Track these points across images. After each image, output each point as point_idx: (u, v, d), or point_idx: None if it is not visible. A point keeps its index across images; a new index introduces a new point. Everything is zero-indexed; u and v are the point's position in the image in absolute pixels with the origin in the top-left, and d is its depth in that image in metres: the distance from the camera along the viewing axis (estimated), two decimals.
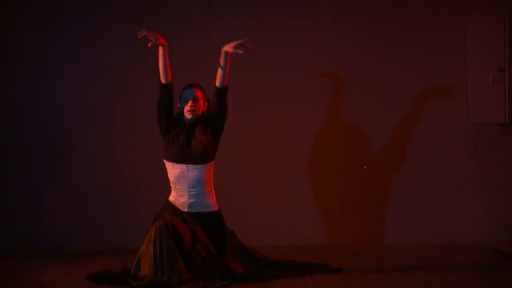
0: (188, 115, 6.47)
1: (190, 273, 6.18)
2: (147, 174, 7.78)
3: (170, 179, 6.48)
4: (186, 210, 6.43)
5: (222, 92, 6.41)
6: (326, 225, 7.87)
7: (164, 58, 6.39)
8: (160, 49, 6.39)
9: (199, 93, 6.50)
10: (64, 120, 7.87)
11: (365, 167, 7.83)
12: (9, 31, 7.85)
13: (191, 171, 6.41)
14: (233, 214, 6.70)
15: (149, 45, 6.31)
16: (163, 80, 6.42)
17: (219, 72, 6.39)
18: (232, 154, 7.59)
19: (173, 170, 6.44)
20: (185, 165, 6.41)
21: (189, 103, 6.46)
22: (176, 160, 6.41)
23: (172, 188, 6.50)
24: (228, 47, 6.37)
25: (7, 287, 6.44)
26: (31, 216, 7.85)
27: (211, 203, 6.48)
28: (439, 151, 7.84)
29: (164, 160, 6.50)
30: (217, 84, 6.41)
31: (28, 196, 7.86)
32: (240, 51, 6.34)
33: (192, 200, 6.43)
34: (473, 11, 7.69)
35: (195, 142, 6.40)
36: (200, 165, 6.41)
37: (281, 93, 7.85)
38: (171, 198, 6.51)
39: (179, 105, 6.53)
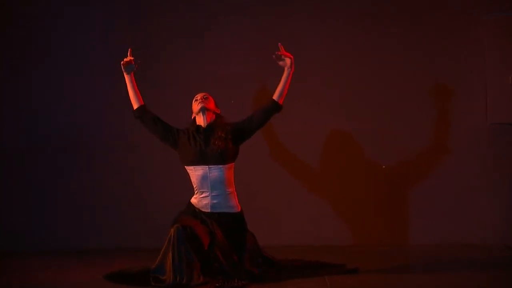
0: (198, 106, 6.49)
1: (207, 276, 6.18)
2: (160, 174, 7.80)
3: (193, 182, 6.47)
4: (209, 210, 6.43)
5: (273, 107, 6.47)
6: (346, 226, 7.86)
7: (133, 84, 6.52)
8: (127, 77, 6.51)
9: (208, 95, 6.58)
10: (71, 120, 7.86)
11: (384, 166, 7.83)
12: (10, 28, 7.86)
13: (213, 172, 6.40)
14: (249, 213, 6.68)
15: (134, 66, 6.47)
16: (136, 105, 6.54)
17: (278, 85, 6.50)
18: (248, 155, 7.57)
19: (195, 173, 6.44)
20: (206, 166, 6.41)
21: (198, 97, 6.53)
22: (197, 162, 6.41)
23: (195, 191, 6.49)
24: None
25: (17, 286, 6.47)
26: (42, 216, 7.87)
27: (234, 204, 6.48)
28: (458, 150, 7.82)
29: (185, 167, 6.50)
30: (274, 96, 6.49)
31: (37, 196, 7.89)
32: (280, 62, 6.45)
33: (215, 201, 6.43)
34: (492, 12, 7.66)
35: (214, 141, 6.41)
36: (221, 166, 6.40)
37: (297, 94, 7.83)
38: (193, 200, 6.50)
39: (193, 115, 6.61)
